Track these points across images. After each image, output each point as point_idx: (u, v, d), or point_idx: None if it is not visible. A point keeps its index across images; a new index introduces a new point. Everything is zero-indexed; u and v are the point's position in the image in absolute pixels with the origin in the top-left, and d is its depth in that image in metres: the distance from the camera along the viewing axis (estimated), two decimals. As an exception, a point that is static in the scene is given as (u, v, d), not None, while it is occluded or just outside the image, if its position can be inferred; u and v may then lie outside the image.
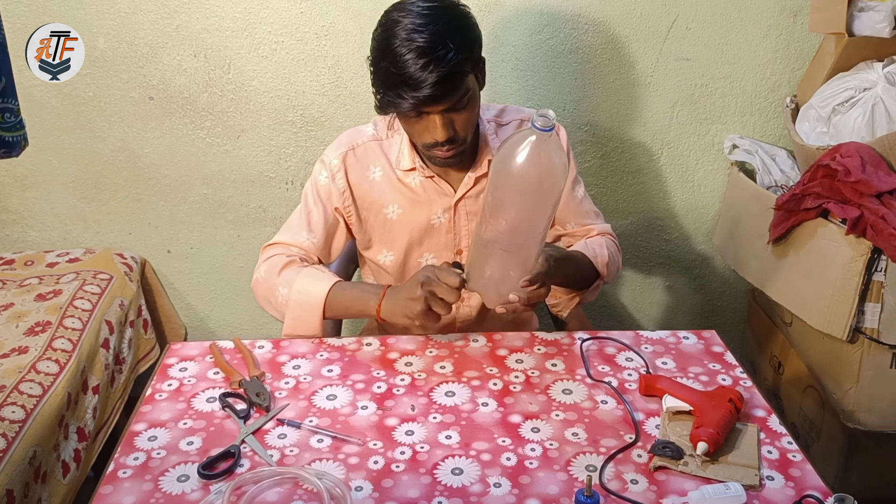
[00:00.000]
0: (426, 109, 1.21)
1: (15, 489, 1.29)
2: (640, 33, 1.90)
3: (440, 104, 1.20)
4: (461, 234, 1.42)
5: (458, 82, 1.19)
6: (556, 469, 1.04)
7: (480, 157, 1.38)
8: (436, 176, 1.37)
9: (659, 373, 1.25)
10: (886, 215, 1.48)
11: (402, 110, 1.21)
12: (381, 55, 1.21)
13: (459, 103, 1.22)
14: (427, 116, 1.23)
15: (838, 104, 1.69)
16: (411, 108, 1.19)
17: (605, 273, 1.40)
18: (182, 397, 1.18)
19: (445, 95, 1.18)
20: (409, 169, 1.37)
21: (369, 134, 1.40)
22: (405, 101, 1.18)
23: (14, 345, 1.60)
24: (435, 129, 1.23)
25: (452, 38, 1.17)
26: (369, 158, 1.39)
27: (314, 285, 1.30)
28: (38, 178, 2.00)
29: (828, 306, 1.60)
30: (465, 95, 1.22)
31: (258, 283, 1.37)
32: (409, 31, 1.16)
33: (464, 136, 1.27)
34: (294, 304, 1.31)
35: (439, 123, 1.22)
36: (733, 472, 1.02)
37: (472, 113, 1.27)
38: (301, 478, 1.00)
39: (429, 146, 1.27)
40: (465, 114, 1.24)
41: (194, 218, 2.06)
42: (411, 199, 1.39)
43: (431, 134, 1.24)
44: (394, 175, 1.38)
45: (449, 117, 1.23)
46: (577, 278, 1.39)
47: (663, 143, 2.02)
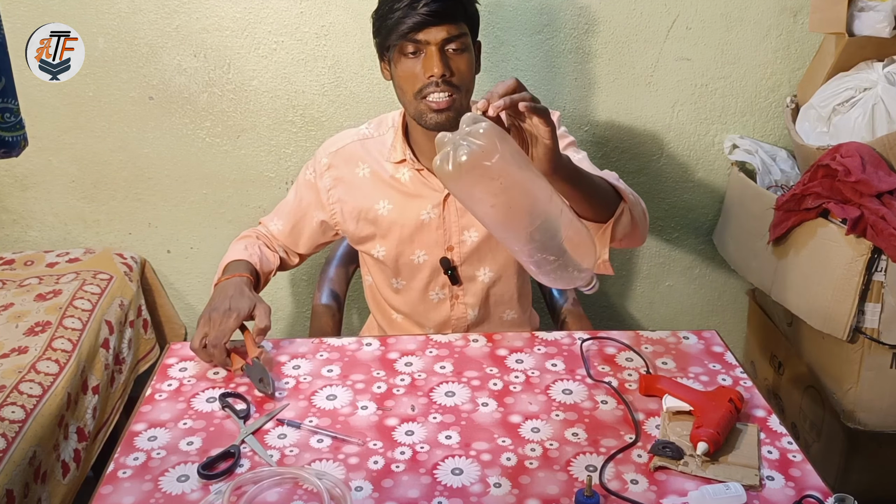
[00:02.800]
0: (423, 36, 1.22)
1: (15, 489, 1.29)
2: (640, 33, 1.90)
3: (438, 26, 1.22)
4: (451, 229, 1.42)
5: (457, 11, 1.23)
6: (556, 469, 1.04)
7: None
8: (425, 169, 1.38)
9: (659, 373, 1.25)
10: (886, 215, 1.48)
11: (399, 35, 1.23)
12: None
13: (457, 40, 1.24)
14: (425, 52, 1.24)
15: (838, 104, 1.69)
16: (411, 28, 1.21)
17: (625, 195, 1.18)
18: (182, 397, 1.18)
19: (444, 17, 1.22)
20: (399, 161, 1.38)
21: (361, 133, 1.43)
22: (403, 23, 1.21)
23: (14, 345, 1.60)
24: (431, 62, 1.23)
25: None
26: (357, 157, 1.41)
27: (227, 256, 1.42)
28: (38, 178, 2.00)
29: (828, 306, 1.60)
30: (462, 36, 1.25)
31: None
32: None
33: (459, 82, 1.26)
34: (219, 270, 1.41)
35: (436, 55, 1.23)
36: (733, 472, 1.02)
37: (469, 66, 1.27)
38: (301, 478, 1.00)
39: (423, 91, 1.25)
40: (462, 57, 1.26)
41: (194, 218, 2.06)
42: (401, 194, 1.40)
43: (427, 70, 1.24)
44: (384, 172, 1.40)
45: (446, 55, 1.24)
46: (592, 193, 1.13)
47: (663, 143, 2.02)
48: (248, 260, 1.40)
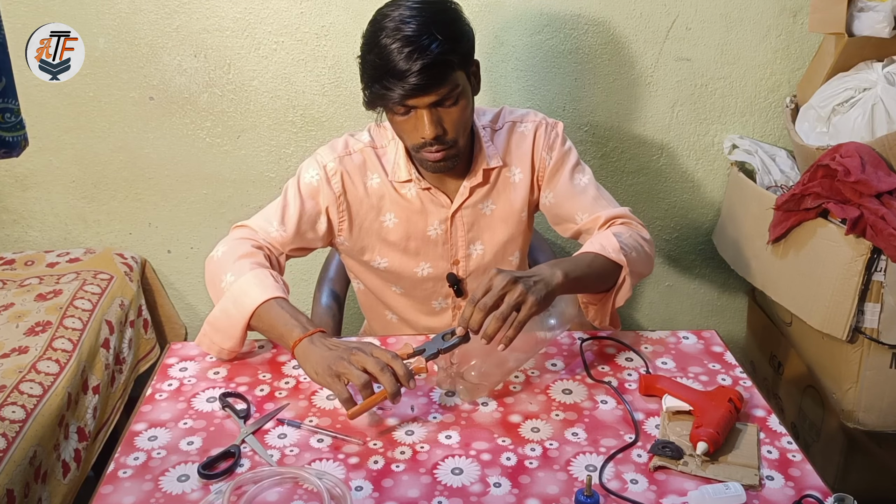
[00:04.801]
0: (412, 103, 1.18)
1: (15, 489, 1.29)
2: (640, 33, 1.90)
3: (426, 95, 1.17)
4: (458, 244, 1.40)
5: (445, 74, 1.17)
6: (556, 469, 1.04)
7: (475, 167, 1.35)
8: (432, 188, 1.35)
9: (659, 373, 1.25)
10: (886, 215, 1.48)
11: (388, 102, 1.19)
12: (368, 48, 1.20)
13: (448, 98, 1.19)
14: (415, 113, 1.20)
15: (838, 104, 1.69)
16: (398, 100, 1.17)
17: (624, 259, 1.24)
18: (182, 397, 1.18)
19: (431, 86, 1.16)
20: (405, 181, 1.35)
21: (365, 140, 1.37)
22: (391, 92, 1.16)
23: (14, 345, 1.60)
24: (422, 125, 1.20)
25: (439, 28, 1.15)
26: (367, 165, 1.36)
27: (255, 289, 1.20)
28: (39, 178, 2.01)
29: (828, 306, 1.60)
30: (452, 90, 1.19)
31: (212, 260, 1.29)
32: (396, 23, 1.16)
33: (453, 137, 1.23)
34: (229, 297, 1.21)
35: (427, 119, 1.19)
36: (733, 472, 1.02)
37: (463, 113, 1.23)
38: (301, 478, 1.00)
39: (418, 147, 1.25)
40: (454, 111, 1.21)
41: (194, 218, 2.06)
42: (408, 210, 1.36)
43: (419, 132, 1.21)
44: (390, 185, 1.35)
45: (437, 113, 1.20)
46: (590, 279, 1.23)
47: (663, 143, 2.02)
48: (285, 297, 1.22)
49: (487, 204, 1.39)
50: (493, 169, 1.37)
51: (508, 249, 1.43)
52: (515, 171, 1.39)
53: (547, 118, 1.41)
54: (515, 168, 1.39)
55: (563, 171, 1.38)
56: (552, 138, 1.39)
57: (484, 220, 1.40)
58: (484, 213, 1.39)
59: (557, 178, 1.39)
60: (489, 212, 1.40)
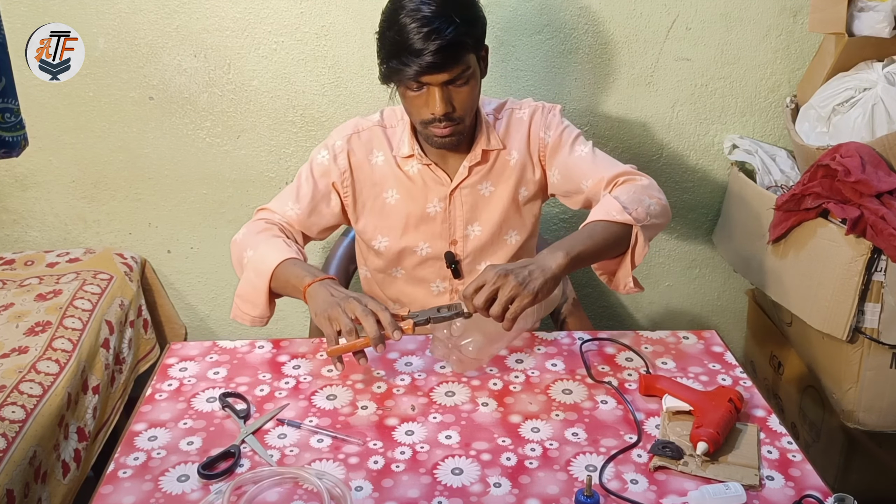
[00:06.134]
0: (426, 80, 1.24)
1: (15, 489, 1.29)
2: (640, 33, 1.90)
3: (439, 73, 1.23)
4: (456, 223, 1.43)
5: (459, 55, 1.24)
6: (556, 469, 1.04)
7: (475, 147, 1.40)
8: (433, 164, 1.40)
9: (659, 373, 1.25)
10: (886, 215, 1.48)
11: (403, 78, 1.25)
12: (387, 25, 1.26)
13: (459, 78, 1.26)
14: (427, 89, 1.26)
15: (838, 104, 1.69)
16: (413, 76, 1.23)
17: (630, 217, 1.24)
18: (182, 397, 1.18)
19: (445, 65, 1.22)
20: (407, 156, 1.40)
21: (375, 120, 1.44)
22: (407, 68, 1.22)
23: (14, 345, 1.60)
24: (434, 102, 1.26)
25: (456, 11, 1.23)
26: (373, 143, 1.42)
27: (271, 254, 1.28)
28: (38, 178, 2.00)
29: (828, 306, 1.60)
30: (464, 71, 1.26)
31: (235, 243, 1.37)
32: (416, 3, 1.23)
33: (461, 114, 1.30)
34: (250, 267, 1.30)
35: (438, 96, 1.25)
36: (733, 472, 1.02)
37: (472, 93, 1.30)
38: (301, 478, 1.00)
39: (427, 122, 1.30)
40: (463, 91, 1.28)
41: (194, 218, 2.06)
42: (408, 187, 1.42)
43: (430, 108, 1.28)
44: (394, 161, 1.41)
45: (448, 91, 1.27)
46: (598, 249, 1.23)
47: (663, 143, 2.02)
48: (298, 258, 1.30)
49: (486, 185, 1.43)
50: (492, 150, 1.42)
51: (505, 230, 1.46)
52: (513, 153, 1.43)
53: (545, 103, 1.47)
54: (514, 150, 1.43)
55: (563, 147, 1.43)
56: (549, 118, 1.44)
57: (482, 201, 1.44)
58: (483, 194, 1.43)
59: (559, 154, 1.43)
60: (488, 193, 1.44)
